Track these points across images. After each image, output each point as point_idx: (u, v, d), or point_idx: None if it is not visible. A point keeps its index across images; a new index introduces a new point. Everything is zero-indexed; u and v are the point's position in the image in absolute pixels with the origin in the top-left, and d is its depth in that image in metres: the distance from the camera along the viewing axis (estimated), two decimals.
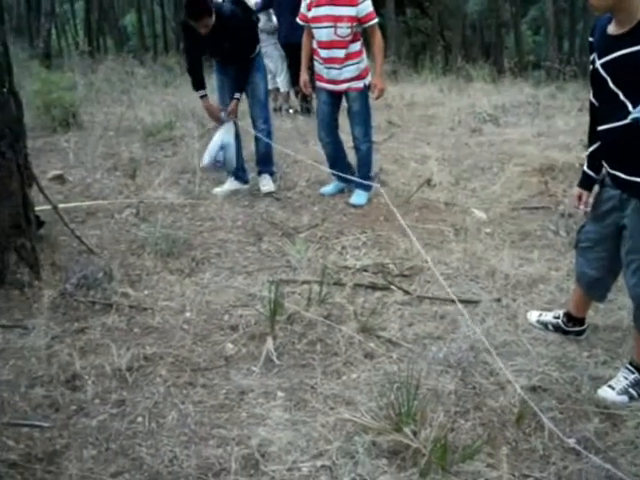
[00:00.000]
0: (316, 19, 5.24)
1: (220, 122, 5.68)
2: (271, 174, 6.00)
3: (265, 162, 5.94)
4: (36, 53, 14.05)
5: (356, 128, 5.53)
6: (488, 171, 6.47)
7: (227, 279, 4.24)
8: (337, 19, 5.13)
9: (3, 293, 3.92)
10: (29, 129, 4.50)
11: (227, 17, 5.28)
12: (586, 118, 3.23)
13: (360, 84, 5.37)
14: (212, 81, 5.88)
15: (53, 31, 22.15)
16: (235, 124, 5.71)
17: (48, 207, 4.61)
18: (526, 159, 6.66)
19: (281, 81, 9.36)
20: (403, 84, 11.84)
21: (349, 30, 5.15)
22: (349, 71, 5.31)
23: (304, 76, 5.60)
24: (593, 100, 3.01)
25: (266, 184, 5.89)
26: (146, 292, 4.04)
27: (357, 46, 5.28)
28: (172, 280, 4.19)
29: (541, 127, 8.25)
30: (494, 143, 7.52)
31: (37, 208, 4.44)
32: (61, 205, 4.90)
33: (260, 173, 5.99)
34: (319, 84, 5.52)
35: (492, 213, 5.31)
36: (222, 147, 5.60)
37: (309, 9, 5.29)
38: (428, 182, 5.93)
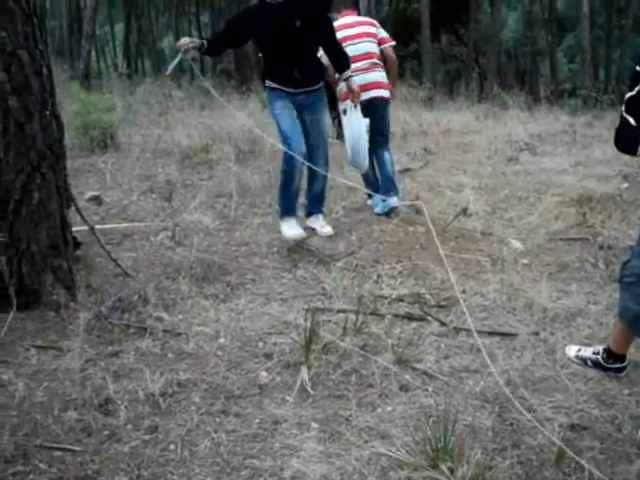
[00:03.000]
0: None
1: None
2: (322, 212, 5.65)
3: (319, 202, 5.59)
4: (76, 74, 14.30)
5: None
6: (525, 201, 6.40)
7: (262, 306, 4.22)
8: None
9: (39, 314, 3.95)
10: (67, 150, 4.54)
11: None
12: None
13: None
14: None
15: (93, 53, 22.53)
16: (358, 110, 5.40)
17: (85, 228, 4.65)
18: (563, 189, 6.58)
19: None
20: (438, 111, 11.83)
21: None
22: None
23: None
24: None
25: (323, 225, 5.51)
26: (180, 317, 4.04)
27: None
28: (207, 305, 4.19)
29: (578, 156, 8.17)
30: (531, 172, 7.45)
31: (74, 229, 4.47)
32: (97, 226, 4.94)
33: (311, 214, 5.57)
34: None
35: (529, 244, 5.23)
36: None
37: None
38: (464, 211, 5.87)
